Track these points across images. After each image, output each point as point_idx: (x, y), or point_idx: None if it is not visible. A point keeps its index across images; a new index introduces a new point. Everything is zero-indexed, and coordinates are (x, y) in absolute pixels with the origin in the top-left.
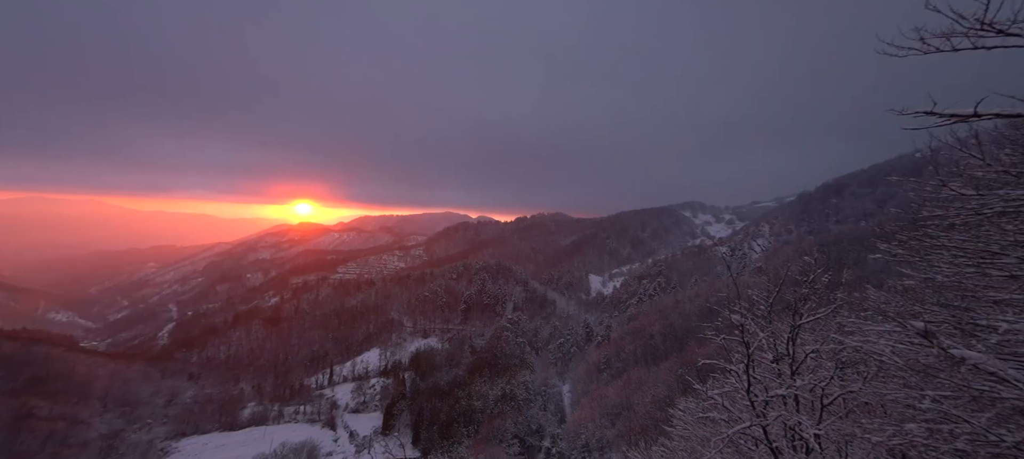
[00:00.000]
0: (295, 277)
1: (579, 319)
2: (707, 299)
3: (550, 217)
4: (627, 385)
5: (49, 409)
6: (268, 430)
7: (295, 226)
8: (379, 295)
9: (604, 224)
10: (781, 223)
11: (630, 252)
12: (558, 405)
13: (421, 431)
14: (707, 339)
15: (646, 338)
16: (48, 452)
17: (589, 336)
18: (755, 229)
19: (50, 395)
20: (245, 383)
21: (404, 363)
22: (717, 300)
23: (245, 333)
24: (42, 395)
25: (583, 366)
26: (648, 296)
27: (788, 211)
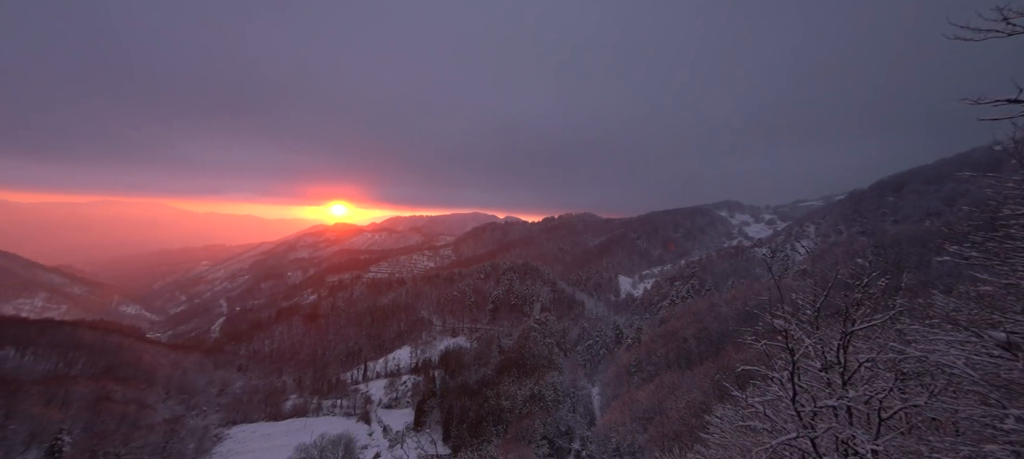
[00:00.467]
0: (331, 276)
1: (608, 321)
2: (745, 302)
3: (578, 217)
4: (659, 389)
5: (122, 393)
6: (308, 422)
7: (331, 226)
8: (409, 294)
9: (634, 224)
10: (829, 223)
11: (661, 253)
12: (587, 407)
13: (451, 428)
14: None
15: (679, 342)
16: (122, 432)
17: (619, 338)
18: (799, 229)
19: (123, 380)
20: (287, 376)
21: (434, 361)
22: (756, 303)
23: (286, 328)
24: (116, 380)
25: (613, 368)
26: (681, 298)
27: (837, 210)
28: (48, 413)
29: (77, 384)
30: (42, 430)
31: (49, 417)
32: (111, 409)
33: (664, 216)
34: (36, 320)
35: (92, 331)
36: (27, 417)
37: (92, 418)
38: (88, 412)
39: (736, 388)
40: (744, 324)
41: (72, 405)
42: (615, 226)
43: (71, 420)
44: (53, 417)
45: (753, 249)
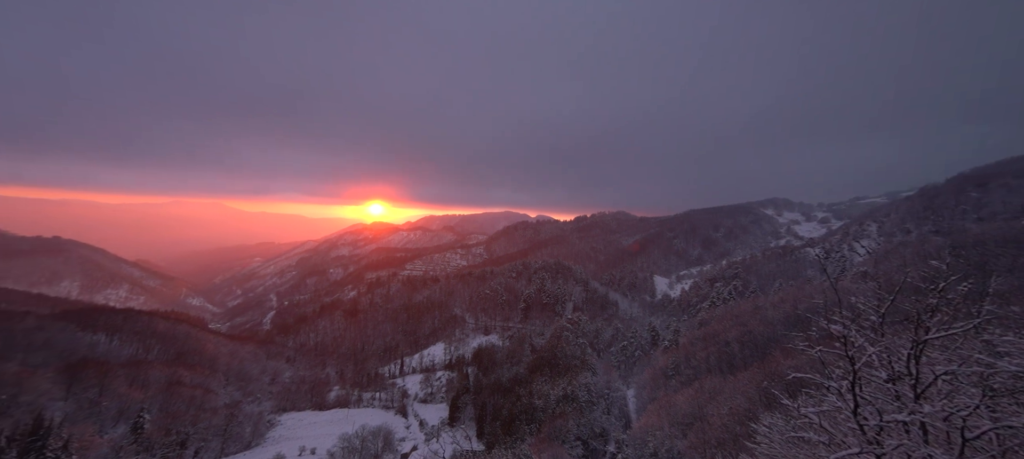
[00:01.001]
0: (369, 273)
1: (643, 322)
2: (795, 305)
3: (611, 216)
4: (699, 394)
5: (190, 378)
6: (350, 412)
7: (369, 225)
8: (443, 292)
9: (671, 223)
10: (895, 221)
11: (701, 253)
12: (622, 410)
13: (485, 425)
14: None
15: (720, 345)
16: (190, 414)
17: (655, 340)
18: (858, 228)
19: (190, 367)
20: (330, 368)
21: (467, 358)
22: (809, 307)
23: (329, 323)
24: (185, 366)
25: (649, 371)
26: (722, 300)
27: (904, 207)
28: (131, 393)
29: (154, 369)
30: (127, 408)
31: (132, 397)
32: (181, 392)
33: (703, 215)
34: (121, 309)
35: (165, 321)
36: (116, 396)
37: (166, 400)
38: (163, 394)
39: (786, 396)
40: (794, 328)
41: (150, 387)
42: (650, 225)
43: (150, 401)
44: (136, 397)
45: (804, 249)
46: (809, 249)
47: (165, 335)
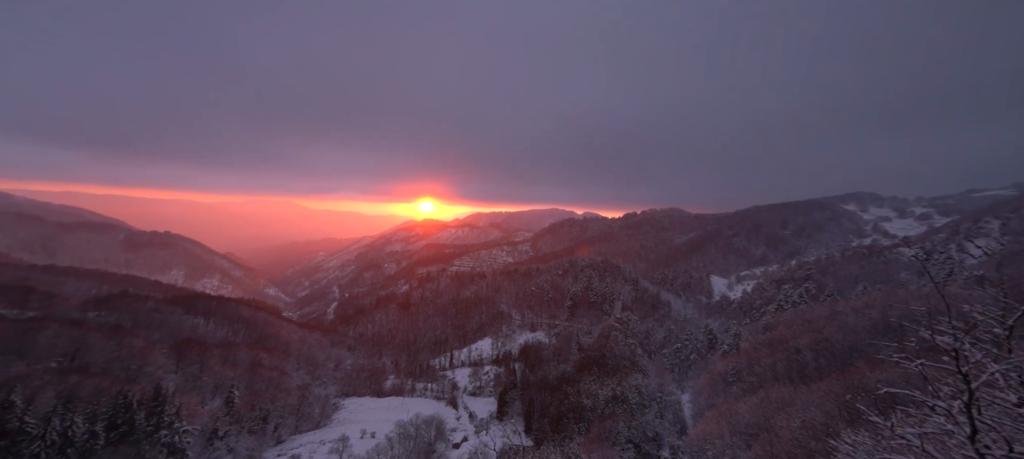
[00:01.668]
0: (420, 268)
1: (699, 324)
2: (884, 312)
3: (664, 213)
4: (765, 403)
5: (269, 361)
6: (404, 401)
7: (420, 222)
8: (489, 288)
9: (731, 220)
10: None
11: (765, 252)
12: (677, 415)
13: (533, 421)
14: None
15: (790, 352)
16: (269, 393)
17: (712, 343)
18: (972, 226)
19: (269, 350)
20: (386, 358)
21: (514, 354)
22: (903, 314)
23: (384, 315)
24: (265, 350)
25: (706, 376)
26: (791, 303)
27: None
28: (224, 371)
29: (241, 350)
30: (221, 384)
31: (225, 374)
32: (262, 373)
33: (769, 211)
34: (215, 296)
35: (248, 308)
36: (213, 373)
37: (250, 379)
38: (248, 374)
39: (875, 412)
40: (883, 337)
41: (238, 367)
42: (707, 222)
43: (238, 379)
44: (227, 375)
45: (897, 249)
46: (904, 249)
47: (249, 321)
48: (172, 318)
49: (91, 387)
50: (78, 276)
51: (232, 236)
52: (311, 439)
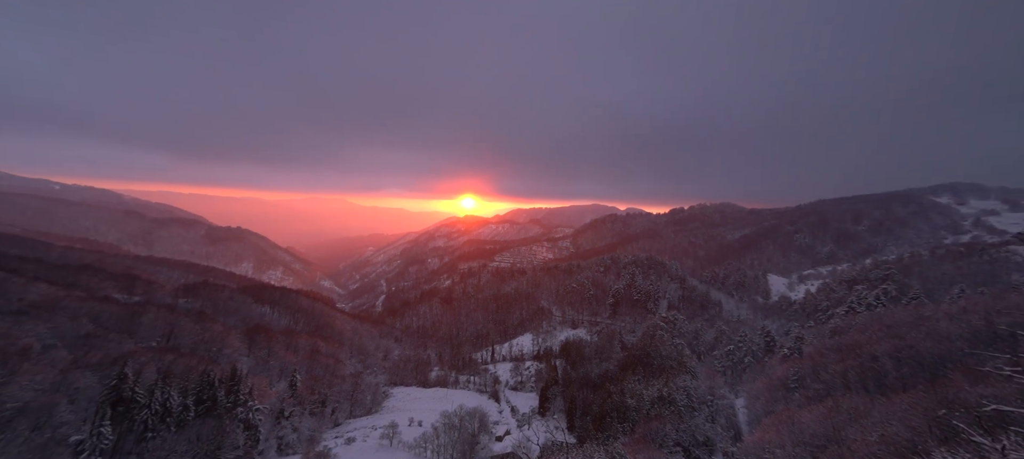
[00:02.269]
0: (462, 263)
1: (754, 325)
2: (988, 318)
3: (714, 208)
4: (833, 413)
5: (325, 348)
6: (448, 392)
7: (461, 218)
8: (530, 283)
9: (792, 215)
10: None
11: (833, 249)
12: (730, 420)
13: (575, 418)
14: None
15: (865, 359)
16: (326, 379)
17: (769, 346)
18: None
19: (325, 339)
20: (430, 350)
21: (555, 350)
22: (1017, 321)
23: (428, 308)
24: (322, 338)
25: (763, 380)
26: (866, 306)
27: None
28: (287, 357)
29: (301, 338)
30: (285, 368)
31: (288, 359)
32: (320, 360)
33: (838, 205)
34: (279, 287)
35: (307, 299)
36: (278, 357)
37: (310, 365)
38: (308, 360)
39: (981, 432)
40: (988, 347)
41: (299, 353)
42: (763, 217)
43: (299, 364)
44: (290, 360)
45: (1007, 247)
46: (1018, 247)
47: (308, 311)
48: (244, 306)
49: (182, 365)
50: (170, 266)
51: (292, 231)
52: (364, 424)
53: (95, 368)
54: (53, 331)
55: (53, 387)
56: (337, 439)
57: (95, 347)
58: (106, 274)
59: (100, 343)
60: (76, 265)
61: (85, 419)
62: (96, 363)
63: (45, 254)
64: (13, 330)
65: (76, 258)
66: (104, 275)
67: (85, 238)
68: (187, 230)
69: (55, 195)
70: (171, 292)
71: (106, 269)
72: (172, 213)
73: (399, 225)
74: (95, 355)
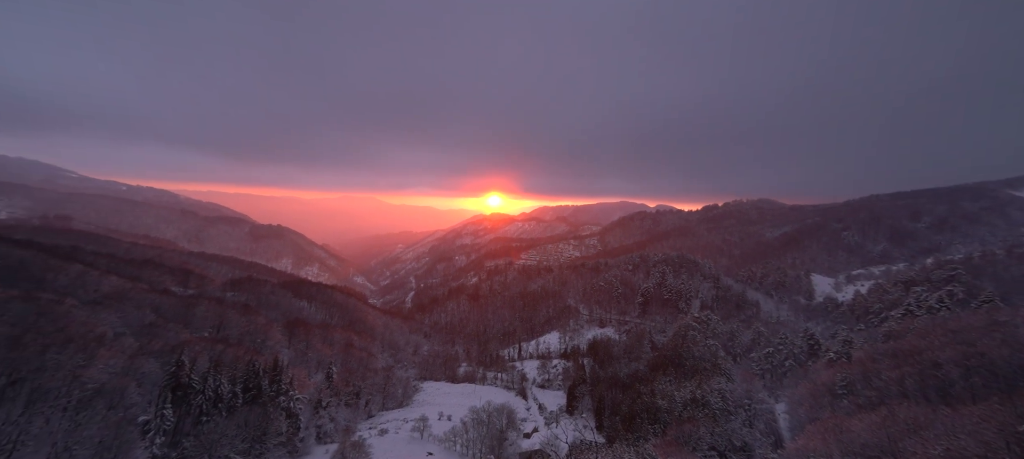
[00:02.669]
0: (489, 261)
1: (796, 327)
2: None
3: (751, 205)
4: (888, 422)
5: (359, 342)
6: (476, 388)
7: (488, 216)
8: (556, 282)
9: (839, 212)
10: None
11: (887, 248)
12: (770, 425)
13: (603, 418)
14: None
15: (926, 366)
16: (359, 372)
17: (814, 350)
18: None
19: (359, 333)
20: (458, 346)
21: (582, 349)
22: None
23: (456, 305)
24: (355, 332)
25: (806, 385)
26: (926, 309)
27: None
28: (324, 349)
29: (336, 332)
30: (322, 360)
31: (324, 352)
32: (354, 353)
33: (894, 200)
34: (315, 283)
35: (342, 294)
36: (315, 350)
37: (344, 358)
38: (342, 353)
39: None
40: None
41: (334, 346)
42: (806, 214)
43: (335, 357)
44: (326, 353)
45: None
46: None
47: (342, 306)
48: (284, 300)
49: (231, 355)
50: (218, 262)
51: (327, 229)
52: (395, 416)
53: (157, 355)
54: (122, 320)
55: (123, 371)
56: (371, 430)
57: (157, 336)
58: (165, 268)
59: (161, 332)
60: (140, 260)
61: (150, 401)
62: (158, 350)
63: (115, 249)
64: (91, 318)
65: (140, 253)
66: (163, 269)
67: (147, 235)
68: (233, 228)
69: (122, 195)
70: (220, 286)
71: (165, 264)
72: (220, 212)
73: (427, 223)
74: (157, 343)
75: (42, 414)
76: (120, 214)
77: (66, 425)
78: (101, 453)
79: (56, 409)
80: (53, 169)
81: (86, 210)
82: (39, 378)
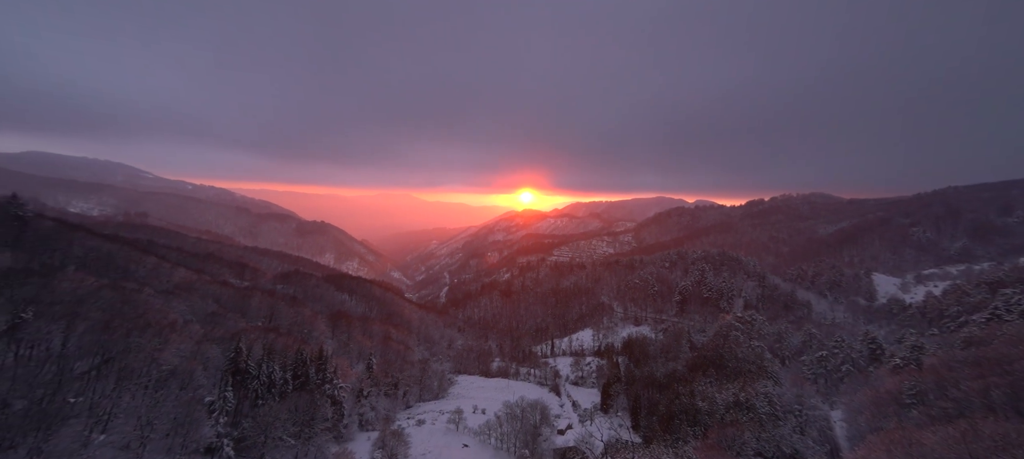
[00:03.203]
0: (521, 257)
1: (854, 329)
2: None
3: (802, 199)
4: (969, 438)
5: (396, 335)
6: (509, 383)
7: (520, 213)
8: (589, 278)
9: (908, 205)
10: None
11: (967, 245)
12: (824, 433)
13: (640, 418)
14: None
15: (1017, 377)
16: (397, 364)
17: (876, 354)
18: None
19: (396, 326)
20: (492, 341)
21: (616, 347)
22: None
23: (489, 301)
24: (393, 325)
25: (867, 392)
26: (1018, 313)
27: None
28: (364, 341)
29: (375, 324)
30: (362, 351)
31: (364, 344)
32: (392, 346)
33: (977, 192)
34: (355, 277)
35: (380, 289)
36: (356, 342)
37: (383, 349)
38: (381, 345)
39: None
40: None
41: (374, 338)
42: (867, 208)
43: (374, 349)
44: (366, 344)
45: None
46: None
47: (380, 300)
48: (327, 294)
49: (281, 344)
50: (269, 256)
51: (365, 225)
52: (432, 408)
53: (218, 341)
54: (190, 308)
55: (191, 355)
56: (408, 420)
57: (218, 324)
58: (223, 262)
59: (221, 320)
60: (203, 254)
61: (214, 384)
62: (219, 337)
63: (182, 243)
64: (164, 306)
65: (203, 248)
66: (222, 263)
67: (209, 230)
68: (281, 224)
69: (188, 194)
70: (271, 279)
71: (223, 258)
72: (270, 209)
73: (460, 219)
74: (218, 330)
75: (129, 390)
76: (186, 211)
77: (147, 401)
78: (176, 428)
79: (139, 387)
80: (133, 170)
81: (159, 207)
82: (125, 359)
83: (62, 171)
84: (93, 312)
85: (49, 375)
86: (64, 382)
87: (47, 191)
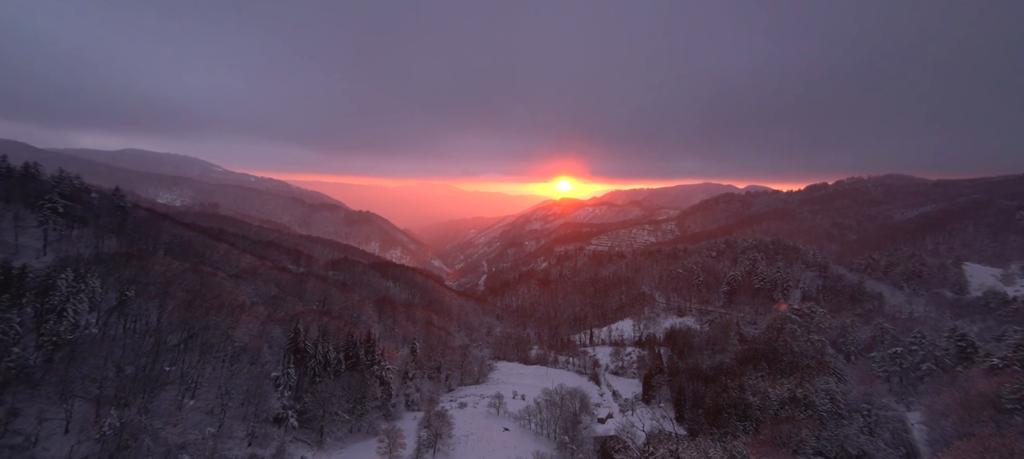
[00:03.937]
0: (558, 246)
1: (937, 324)
2: None
3: (874, 182)
4: None
5: (437, 321)
6: (548, 371)
7: (557, 202)
8: (629, 268)
9: (1009, 186)
10: None
11: None
12: (899, 436)
13: (685, 410)
14: None
15: None
16: (438, 349)
17: (965, 353)
18: None
19: (438, 313)
20: (530, 329)
21: (658, 338)
22: None
23: (526, 289)
24: (435, 312)
25: (954, 394)
26: None
27: None
28: (408, 326)
29: (418, 311)
30: (407, 336)
31: (408, 329)
32: (433, 331)
33: None
34: (399, 265)
35: (422, 276)
36: (401, 326)
37: (426, 335)
38: (424, 330)
39: None
40: None
41: (417, 324)
42: (958, 190)
43: (418, 334)
44: (410, 330)
45: None
46: None
47: (422, 287)
48: (374, 280)
49: (334, 326)
50: (321, 244)
51: (407, 215)
52: (473, 392)
53: (281, 322)
54: (256, 291)
55: (258, 334)
56: (451, 402)
57: (280, 306)
58: (282, 249)
59: (282, 303)
60: (265, 242)
61: (277, 361)
62: (280, 318)
63: (247, 232)
64: (235, 289)
65: (265, 236)
66: (281, 250)
67: (269, 219)
68: (331, 214)
69: (251, 186)
70: (323, 265)
71: (282, 245)
72: (321, 199)
73: (498, 208)
74: (280, 313)
75: (210, 363)
76: (250, 202)
77: (225, 373)
78: (248, 399)
79: (218, 360)
80: (206, 164)
81: (228, 198)
82: (205, 335)
83: (151, 166)
84: (179, 292)
85: (148, 346)
86: (160, 353)
87: (141, 184)
